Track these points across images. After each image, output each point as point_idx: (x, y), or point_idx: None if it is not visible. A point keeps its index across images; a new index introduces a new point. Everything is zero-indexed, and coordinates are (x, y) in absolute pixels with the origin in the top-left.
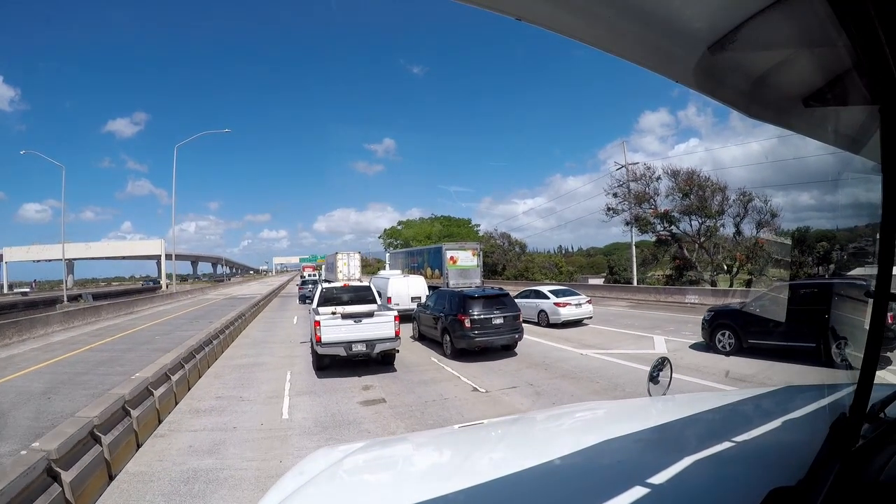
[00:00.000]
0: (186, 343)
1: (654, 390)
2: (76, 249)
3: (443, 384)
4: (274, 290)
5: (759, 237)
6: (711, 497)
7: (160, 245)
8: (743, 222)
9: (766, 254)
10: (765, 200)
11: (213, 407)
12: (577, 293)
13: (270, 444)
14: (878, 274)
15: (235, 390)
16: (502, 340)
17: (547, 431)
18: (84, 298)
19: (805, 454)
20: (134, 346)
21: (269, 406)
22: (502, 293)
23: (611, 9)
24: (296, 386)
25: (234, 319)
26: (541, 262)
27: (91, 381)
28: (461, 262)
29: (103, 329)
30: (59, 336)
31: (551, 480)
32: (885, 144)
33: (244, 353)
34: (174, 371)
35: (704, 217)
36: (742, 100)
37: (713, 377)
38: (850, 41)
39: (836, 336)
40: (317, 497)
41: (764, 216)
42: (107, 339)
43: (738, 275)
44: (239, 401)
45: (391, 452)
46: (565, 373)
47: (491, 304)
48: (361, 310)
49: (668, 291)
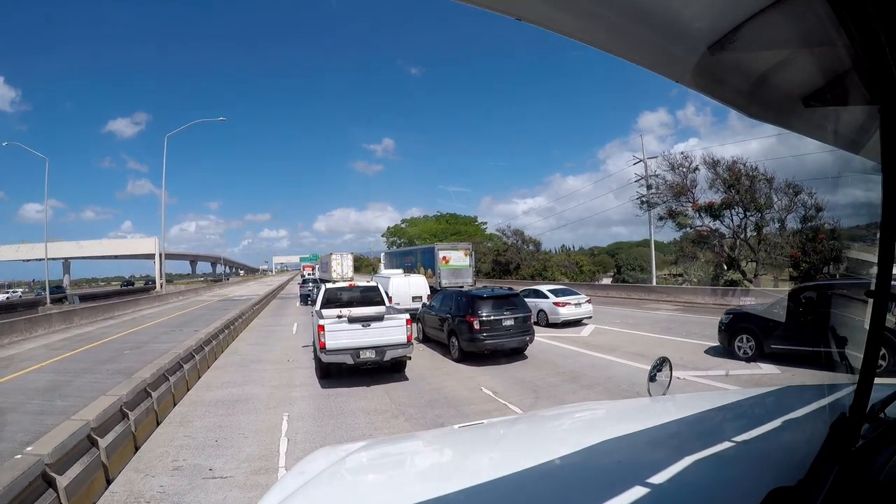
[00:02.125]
0: (140, 374)
1: (654, 390)
2: (67, 248)
3: (478, 405)
4: (272, 290)
5: (820, 233)
6: (711, 497)
7: (154, 243)
8: (789, 217)
9: (829, 250)
10: (810, 193)
11: (162, 496)
12: (576, 293)
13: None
14: (878, 274)
15: (203, 454)
16: (513, 343)
17: (546, 431)
18: (70, 300)
19: (805, 454)
20: (85, 369)
21: (250, 492)
22: (512, 293)
23: (611, 9)
24: (296, 442)
25: (222, 329)
26: (559, 261)
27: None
28: (453, 262)
29: (68, 340)
30: (6, 351)
31: (551, 480)
32: (885, 144)
33: (227, 379)
34: (106, 430)
35: (753, 210)
36: (742, 100)
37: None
38: (850, 41)
39: (836, 340)
40: (318, 496)
41: (809, 210)
42: (60, 357)
43: (789, 273)
44: (204, 479)
45: (392, 452)
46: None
47: (501, 305)
48: (370, 313)
49: (717, 293)
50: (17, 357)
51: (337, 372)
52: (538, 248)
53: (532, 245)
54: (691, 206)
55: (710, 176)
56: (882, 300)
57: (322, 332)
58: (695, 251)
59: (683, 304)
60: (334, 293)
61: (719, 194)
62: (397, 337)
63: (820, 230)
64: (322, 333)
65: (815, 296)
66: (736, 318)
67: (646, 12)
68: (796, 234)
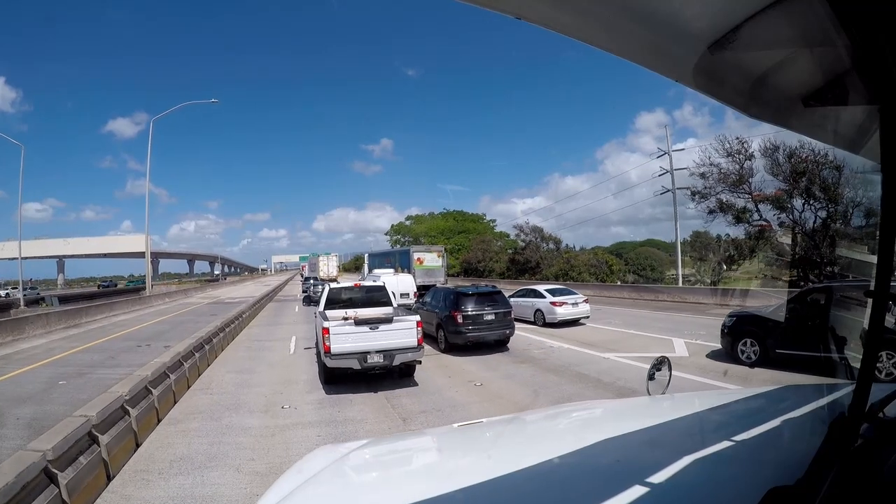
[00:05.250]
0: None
1: (654, 389)
2: (55, 246)
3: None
4: (269, 292)
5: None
6: (710, 496)
7: (145, 241)
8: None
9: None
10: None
11: None
12: (574, 292)
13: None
14: (878, 274)
15: None
16: (493, 336)
17: (545, 430)
18: (48, 302)
19: (804, 453)
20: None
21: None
22: (494, 290)
23: (611, 8)
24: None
25: (195, 348)
26: (586, 261)
27: None
28: (427, 263)
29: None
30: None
31: (550, 479)
32: (884, 144)
33: (179, 453)
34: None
35: (825, 202)
36: (742, 99)
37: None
38: (850, 41)
39: (836, 340)
40: (317, 495)
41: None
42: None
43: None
44: None
45: (391, 451)
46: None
47: (483, 301)
48: (378, 314)
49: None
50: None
51: (342, 377)
52: (558, 247)
53: (552, 243)
54: (751, 196)
55: (769, 163)
56: (881, 300)
57: (327, 335)
58: (754, 247)
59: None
60: (339, 293)
61: (777, 184)
62: (407, 340)
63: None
64: (327, 337)
65: (823, 298)
66: (739, 320)
67: (646, 12)
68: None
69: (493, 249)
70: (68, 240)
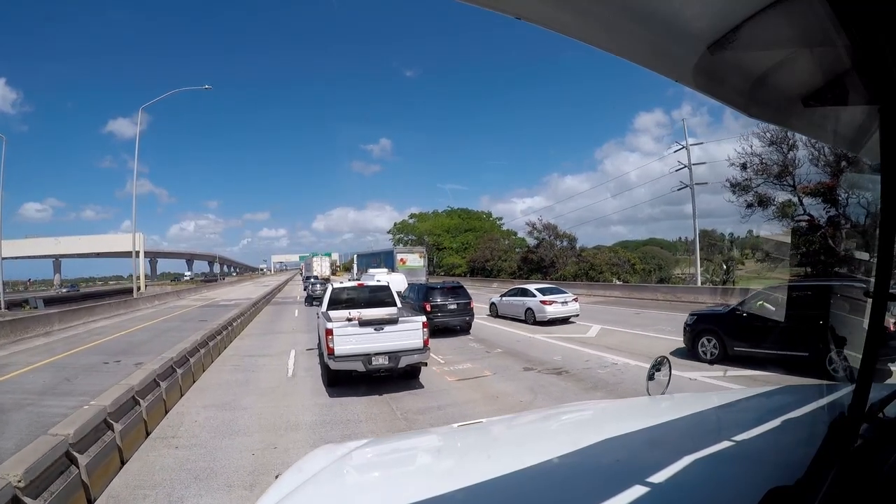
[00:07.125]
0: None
1: (653, 389)
2: (45, 245)
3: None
4: (267, 294)
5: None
6: (709, 496)
7: (140, 239)
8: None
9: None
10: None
11: None
12: (563, 291)
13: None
14: (877, 274)
15: None
16: (455, 322)
17: (545, 430)
18: (32, 304)
19: (804, 454)
20: None
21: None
22: (457, 285)
23: (611, 8)
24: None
25: (161, 376)
26: (607, 259)
27: None
28: (409, 263)
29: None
30: None
31: (550, 478)
32: (884, 144)
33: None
34: None
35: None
36: (742, 99)
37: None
38: (850, 41)
39: (836, 340)
40: (317, 495)
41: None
42: None
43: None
44: None
45: (391, 450)
46: None
47: (447, 294)
48: (382, 315)
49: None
50: None
51: (346, 379)
52: (573, 245)
53: (566, 240)
54: (802, 188)
55: (813, 153)
56: (881, 300)
57: (330, 336)
58: (798, 243)
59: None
60: (342, 293)
61: (821, 175)
62: (413, 341)
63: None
64: (330, 338)
65: (780, 297)
66: (699, 319)
67: (646, 12)
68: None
69: (500, 248)
70: (59, 239)
